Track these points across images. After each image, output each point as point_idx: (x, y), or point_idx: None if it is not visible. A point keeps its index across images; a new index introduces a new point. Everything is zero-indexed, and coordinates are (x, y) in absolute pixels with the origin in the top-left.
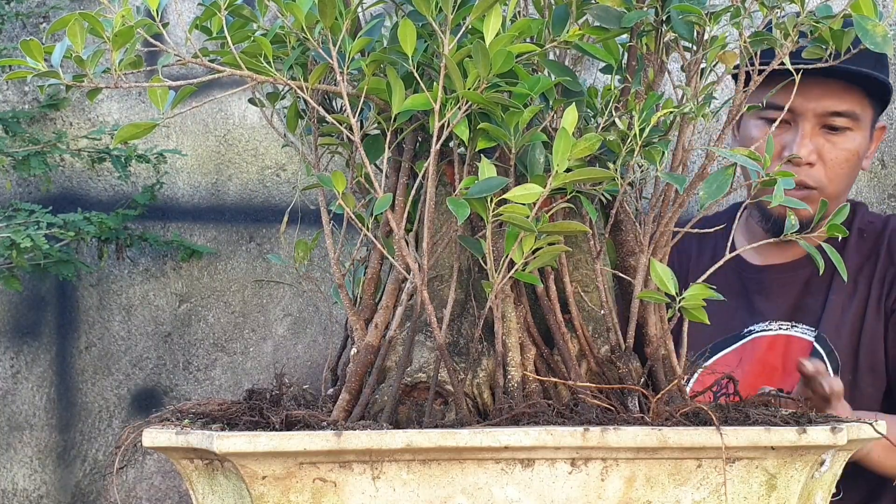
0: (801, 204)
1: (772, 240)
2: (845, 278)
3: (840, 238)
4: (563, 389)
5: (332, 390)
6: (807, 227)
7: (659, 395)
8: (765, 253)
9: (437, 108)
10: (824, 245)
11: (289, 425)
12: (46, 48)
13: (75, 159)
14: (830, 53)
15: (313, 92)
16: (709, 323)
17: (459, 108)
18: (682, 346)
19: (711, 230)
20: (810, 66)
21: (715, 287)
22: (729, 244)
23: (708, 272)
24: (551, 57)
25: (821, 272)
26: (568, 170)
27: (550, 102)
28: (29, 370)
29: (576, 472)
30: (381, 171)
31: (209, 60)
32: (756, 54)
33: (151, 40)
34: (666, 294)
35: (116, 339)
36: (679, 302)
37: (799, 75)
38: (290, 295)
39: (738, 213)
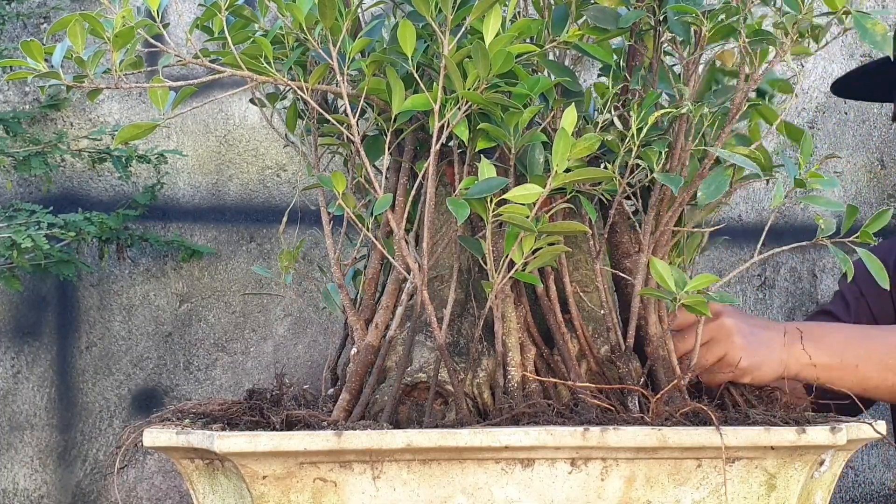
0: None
1: (774, 244)
2: (886, 286)
3: None
4: (563, 389)
5: (332, 390)
6: None
7: (659, 395)
8: None
9: (436, 108)
10: None
11: (289, 425)
12: (47, 49)
13: (76, 160)
14: None
15: (313, 92)
16: (710, 316)
17: (459, 109)
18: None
19: (712, 228)
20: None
21: None
22: None
23: (725, 276)
24: (551, 57)
25: (849, 279)
26: (567, 170)
27: (550, 102)
28: (29, 370)
29: (576, 472)
30: (381, 171)
31: (210, 61)
32: (756, 54)
33: (152, 41)
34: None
35: (117, 339)
36: (679, 299)
37: None
38: (290, 295)
39: None
